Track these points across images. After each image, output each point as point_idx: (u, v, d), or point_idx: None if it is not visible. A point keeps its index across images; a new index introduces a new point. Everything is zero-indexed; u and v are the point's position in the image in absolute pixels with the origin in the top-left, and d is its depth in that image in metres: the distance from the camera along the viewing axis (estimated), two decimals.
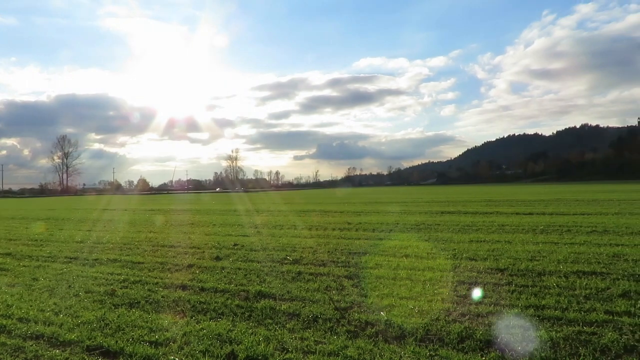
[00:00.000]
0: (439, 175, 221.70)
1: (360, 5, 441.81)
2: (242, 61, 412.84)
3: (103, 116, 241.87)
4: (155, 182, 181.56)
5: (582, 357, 4.27)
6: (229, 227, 16.58)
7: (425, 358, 4.40)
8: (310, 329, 5.30)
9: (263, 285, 7.35)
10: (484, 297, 6.26)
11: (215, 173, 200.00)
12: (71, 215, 25.74)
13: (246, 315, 5.89)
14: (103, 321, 5.74)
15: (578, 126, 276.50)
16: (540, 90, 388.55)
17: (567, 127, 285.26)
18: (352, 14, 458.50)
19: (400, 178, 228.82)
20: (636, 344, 4.50)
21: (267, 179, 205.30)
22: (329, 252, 10.24)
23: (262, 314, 5.91)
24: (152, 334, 5.21)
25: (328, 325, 5.40)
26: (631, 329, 4.88)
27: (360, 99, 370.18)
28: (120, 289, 7.43)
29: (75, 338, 5.17)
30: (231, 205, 33.55)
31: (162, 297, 6.84)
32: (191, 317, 5.85)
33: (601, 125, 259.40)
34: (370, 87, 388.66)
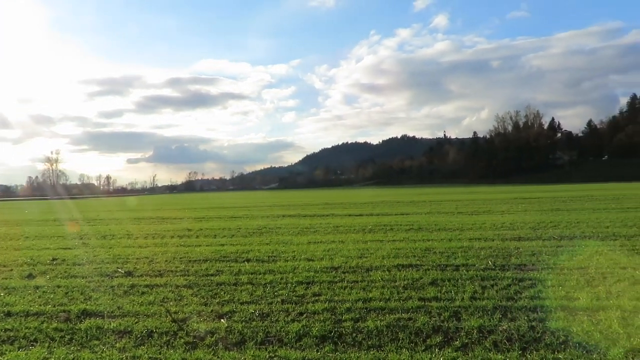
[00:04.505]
0: (281, 179, 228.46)
1: (200, 4, 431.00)
2: (65, 50, 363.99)
3: None
4: None
5: (400, 341, 4.85)
6: (46, 239, 14.46)
7: None
8: (144, 346, 4.94)
9: (88, 303, 6.59)
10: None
11: (30, 177, 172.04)
12: None
13: (67, 339, 5.20)
14: None
15: (399, 136, 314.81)
16: (368, 102, 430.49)
17: (391, 137, 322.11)
18: (191, 12, 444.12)
19: (243, 183, 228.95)
20: (442, 324, 5.29)
21: (96, 184, 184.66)
22: (166, 261, 9.70)
23: (87, 335, 5.30)
24: None
25: (164, 339, 5.11)
26: (438, 312, 5.71)
27: (202, 101, 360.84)
28: None
29: None
30: (50, 215, 29.31)
31: None
32: None
33: (417, 137, 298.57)
34: (212, 90, 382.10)
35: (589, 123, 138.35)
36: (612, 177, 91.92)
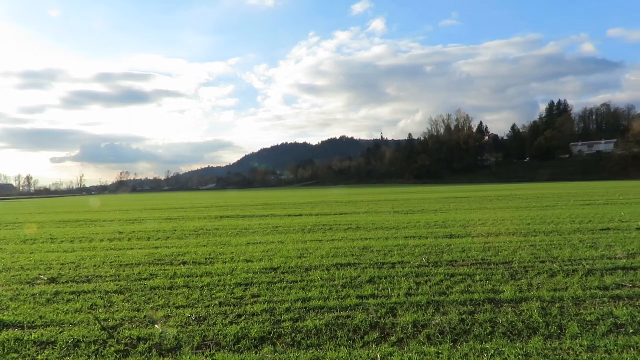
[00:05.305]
0: (219, 180, 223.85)
1: None
2: None
3: None
4: None
5: (339, 339, 4.91)
6: None
7: None
8: (70, 357, 4.63)
9: (5, 313, 6.07)
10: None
11: None
12: None
13: None
14: None
15: (338, 137, 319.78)
16: (308, 103, 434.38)
17: (330, 137, 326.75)
18: (122, 3, 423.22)
19: (179, 183, 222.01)
20: (378, 320, 5.42)
21: (15, 184, 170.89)
22: (95, 266, 9.16)
23: (4, 348, 4.88)
24: None
25: (93, 348, 4.81)
26: (375, 308, 5.85)
27: (135, 97, 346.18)
28: None
29: None
30: None
31: None
32: None
33: (355, 137, 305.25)
34: (146, 86, 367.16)
35: (513, 127, 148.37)
36: (532, 177, 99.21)
